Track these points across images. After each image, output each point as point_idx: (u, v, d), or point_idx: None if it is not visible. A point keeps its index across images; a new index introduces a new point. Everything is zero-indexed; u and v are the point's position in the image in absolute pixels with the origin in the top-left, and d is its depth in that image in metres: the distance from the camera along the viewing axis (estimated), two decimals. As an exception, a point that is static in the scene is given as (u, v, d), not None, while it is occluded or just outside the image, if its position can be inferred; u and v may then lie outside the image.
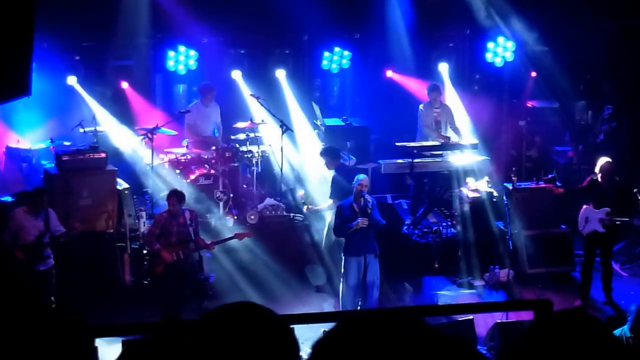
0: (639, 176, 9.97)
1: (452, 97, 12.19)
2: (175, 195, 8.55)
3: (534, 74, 12.61)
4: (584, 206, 9.38)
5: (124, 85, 11.67)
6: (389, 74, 12.66)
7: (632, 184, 9.36)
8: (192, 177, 10.40)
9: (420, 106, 11.47)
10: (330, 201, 9.38)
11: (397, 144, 11.04)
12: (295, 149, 11.54)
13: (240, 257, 9.63)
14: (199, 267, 8.43)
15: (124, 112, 11.33)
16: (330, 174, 9.82)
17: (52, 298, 8.16)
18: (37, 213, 8.12)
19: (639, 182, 9.38)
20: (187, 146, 10.98)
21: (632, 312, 6.95)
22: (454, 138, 11.34)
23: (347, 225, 8.47)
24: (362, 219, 8.40)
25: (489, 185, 10.79)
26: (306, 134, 11.74)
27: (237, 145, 10.79)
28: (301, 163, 11.27)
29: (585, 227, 9.33)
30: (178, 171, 10.48)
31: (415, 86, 12.22)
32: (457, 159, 11.08)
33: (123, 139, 10.89)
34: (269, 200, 10.44)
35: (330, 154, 9.69)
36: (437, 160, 11.10)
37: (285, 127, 10.54)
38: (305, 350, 2.30)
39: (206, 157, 10.61)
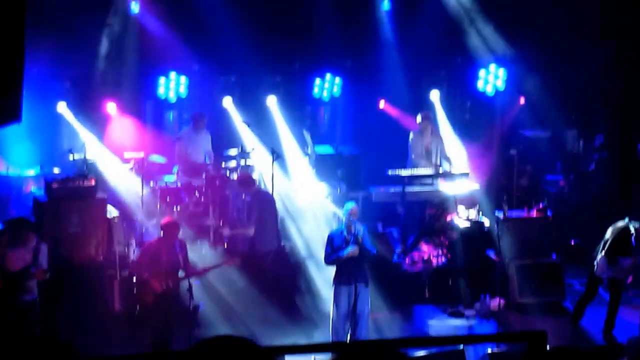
0: (628, 206, 10.17)
1: (443, 125, 12.42)
2: (174, 226, 8.63)
3: (522, 100, 12.93)
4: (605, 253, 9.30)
5: (114, 111, 11.76)
6: (382, 105, 12.96)
7: None
8: (183, 204, 10.58)
9: (411, 134, 11.58)
10: (251, 228, 9.53)
11: (389, 172, 11.13)
12: (286, 176, 11.67)
13: (230, 284, 9.68)
14: (189, 295, 8.45)
15: (114, 139, 11.52)
16: (323, 200, 10.46)
17: (38, 329, 8.11)
18: (24, 244, 8.07)
19: (627, 212, 9.47)
20: (177, 173, 11.15)
21: (630, 347, 6.63)
22: (445, 166, 11.43)
23: (338, 254, 8.55)
24: (352, 248, 8.50)
25: (480, 214, 10.87)
26: (297, 162, 11.90)
27: (228, 173, 11.00)
28: (292, 190, 11.42)
29: (605, 272, 9.30)
30: (168, 198, 10.60)
31: (406, 119, 12.44)
32: (448, 188, 11.17)
33: (113, 166, 11.02)
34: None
35: (245, 182, 9.93)
36: (428, 188, 11.22)
37: (276, 155, 10.72)
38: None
39: (196, 184, 10.74)
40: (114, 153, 11.16)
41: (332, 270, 8.87)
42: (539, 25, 12.00)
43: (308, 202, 11.14)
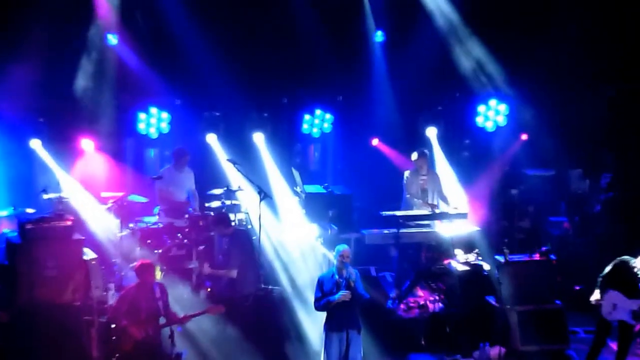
0: (636, 248, 10.09)
1: (440, 163, 12.92)
2: (149, 268, 8.91)
3: (524, 137, 13.13)
4: (611, 291, 9.45)
5: (92, 148, 12.14)
6: (375, 142, 13.20)
7: None
8: (164, 247, 10.77)
9: (406, 173, 11.85)
10: (234, 270, 9.84)
11: (382, 213, 11.34)
12: (275, 216, 11.99)
13: (213, 330, 9.84)
14: (171, 342, 8.70)
15: (91, 178, 11.92)
16: (313, 242, 10.63)
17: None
18: None
19: (634, 255, 9.65)
20: (158, 214, 11.36)
21: None
22: (442, 207, 11.68)
23: (329, 299, 8.69)
24: (344, 293, 8.66)
25: (479, 258, 11.08)
26: (286, 202, 12.21)
27: (212, 214, 11.18)
28: (280, 231, 11.68)
29: (612, 314, 9.41)
30: (149, 241, 10.83)
31: (400, 159, 12.84)
32: (445, 229, 11.40)
33: (89, 206, 11.32)
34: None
35: (219, 223, 10.08)
36: (424, 230, 11.45)
37: (264, 194, 10.82)
38: None
39: (179, 225, 11.05)
40: (91, 193, 11.48)
41: (322, 315, 8.98)
42: (542, 60, 12.49)
43: (297, 244, 11.37)
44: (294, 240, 11.45)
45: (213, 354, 9.80)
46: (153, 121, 12.49)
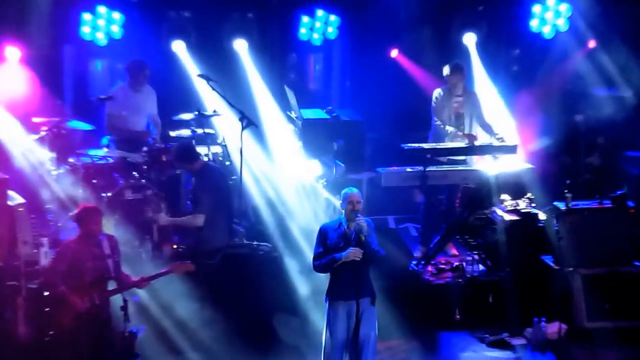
0: None
1: (480, 80, 12.72)
2: (93, 214, 8.75)
3: (593, 44, 13.00)
4: None
5: (18, 58, 11.81)
6: (394, 53, 13.10)
7: None
8: (115, 189, 10.65)
9: (435, 93, 11.71)
10: (201, 217, 9.87)
11: (404, 145, 11.27)
12: (263, 151, 11.89)
13: (181, 302, 9.84)
14: (123, 315, 8.59)
15: (17, 98, 11.64)
16: (313, 184, 10.56)
17: None
18: None
19: None
20: (108, 146, 11.24)
21: None
22: (482, 137, 11.61)
23: (334, 257, 8.54)
24: (353, 249, 8.48)
25: (532, 205, 11.03)
26: (277, 131, 12.13)
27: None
28: (270, 170, 11.60)
29: None
30: (95, 181, 10.72)
31: (427, 75, 12.83)
32: (487, 167, 11.33)
33: (16, 135, 11.17)
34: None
35: (183, 156, 10.08)
36: (458, 168, 11.37)
37: (247, 121, 10.77)
38: None
39: (135, 161, 10.89)
40: (17, 117, 11.30)
41: (324, 280, 8.94)
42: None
43: (292, 187, 11.41)
44: (287, 181, 11.53)
45: (179, 331, 9.84)
46: (101, 23, 12.33)
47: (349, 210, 8.63)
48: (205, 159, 11.17)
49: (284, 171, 11.68)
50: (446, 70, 11.73)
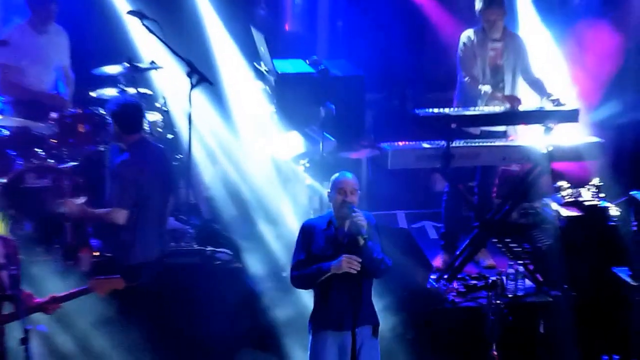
0: None
1: (528, 19, 12.43)
2: None
3: None
4: None
5: None
6: None
7: None
8: (12, 172, 10.58)
9: (464, 37, 11.58)
10: (122, 212, 9.71)
11: (418, 111, 11.04)
12: (220, 118, 11.93)
13: (104, 333, 9.69)
14: (24, 351, 7.95)
15: None
16: (291, 165, 10.82)
17: None
18: None
19: None
20: (1, 112, 11.24)
21: None
22: (529, 99, 11.43)
23: (319, 268, 8.38)
24: (347, 257, 8.25)
25: (601, 196, 10.96)
26: (240, 90, 12.12)
27: (102, 112, 10.95)
28: (231, 146, 11.69)
29: None
30: None
31: (449, 16, 12.97)
32: (536, 141, 11.07)
33: None
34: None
35: (124, 123, 9.91)
36: (496, 143, 11.17)
37: (198, 77, 10.75)
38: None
39: (40, 133, 10.91)
40: None
41: (307, 299, 8.96)
42: None
43: (263, 170, 11.45)
44: (254, 162, 11.59)
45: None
46: None
47: (341, 203, 8.45)
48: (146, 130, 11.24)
49: (251, 148, 11.71)
50: (479, 3, 11.43)
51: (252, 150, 11.71)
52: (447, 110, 11.14)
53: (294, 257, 8.53)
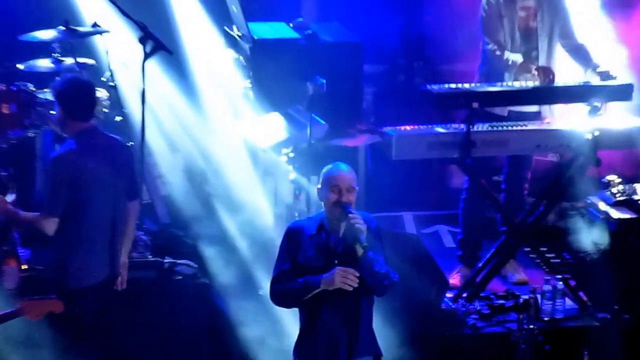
0: None
1: None
2: None
3: None
4: None
5: None
6: None
7: None
8: None
9: None
10: (52, 221, 9.38)
11: (431, 87, 10.91)
12: (183, 95, 12.04)
13: None
14: None
15: None
16: (272, 155, 10.95)
17: None
18: None
19: None
20: None
21: None
22: (570, 72, 11.33)
23: (306, 282, 8.17)
24: (342, 270, 7.99)
25: None
26: (207, 61, 12.29)
27: (33, 88, 11.16)
28: (195, 130, 11.89)
29: None
30: None
31: None
32: (579, 126, 10.90)
33: None
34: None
35: (68, 102, 9.60)
36: (528, 127, 10.99)
37: (154, 43, 10.77)
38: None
39: None
40: None
41: (292, 322, 8.89)
42: None
43: (236, 162, 11.62)
44: (225, 152, 11.81)
45: None
46: None
47: (335, 204, 8.18)
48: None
49: (220, 133, 11.86)
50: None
51: (222, 137, 11.80)
52: (466, 85, 10.99)
53: (276, 268, 8.22)
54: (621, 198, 10.68)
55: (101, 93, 11.46)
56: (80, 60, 11.39)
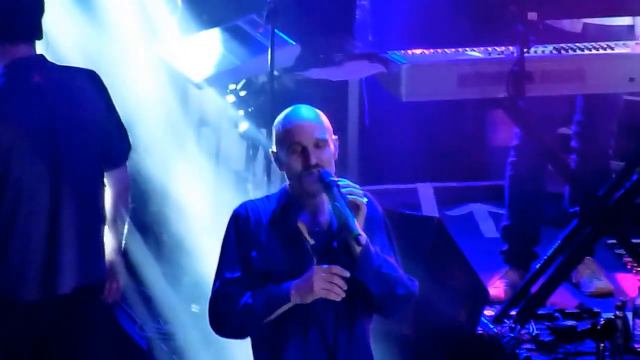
0: None
1: None
2: None
3: None
4: None
5: None
6: None
7: None
8: None
9: None
10: None
11: None
12: (80, 7, 12.14)
13: None
14: None
15: None
16: (213, 96, 11.42)
17: None
18: None
19: None
20: None
21: None
22: None
23: (268, 297, 7.92)
24: (321, 270, 7.75)
25: None
26: None
27: None
28: (97, 54, 11.87)
29: None
30: None
31: None
32: None
33: None
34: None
35: None
36: (615, 52, 11.04)
37: None
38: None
39: None
40: None
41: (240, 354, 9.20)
42: None
43: (157, 105, 11.67)
44: (141, 89, 11.69)
45: None
46: None
47: (303, 172, 8.01)
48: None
49: (133, 60, 11.77)
50: None
51: (135, 65, 11.78)
52: (513, -13, 10.63)
53: (218, 276, 7.94)
54: None
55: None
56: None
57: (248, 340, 8.11)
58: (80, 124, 9.45)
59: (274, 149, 7.99)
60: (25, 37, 9.41)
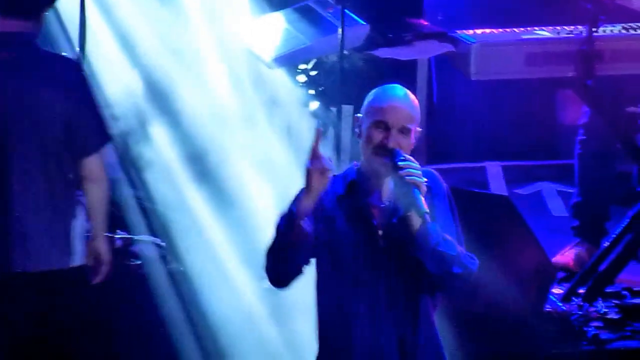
0: None
1: None
2: None
3: None
4: None
5: None
6: None
7: None
8: None
9: None
10: None
11: None
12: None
13: None
14: None
15: None
16: (277, 73, 11.56)
17: None
18: None
19: None
20: None
21: None
22: None
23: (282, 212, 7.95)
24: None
25: None
26: None
27: None
28: (162, 33, 12.26)
29: None
30: None
31: None
32: None
33: None
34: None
35: None
36: None
37: None
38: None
39: None
40: None
41: (306, 329, 9.46)
42: None
43: (224, 84, 11.84)
44: (209, 67, 11.99)
45: None
46: None
47: (376, 148, 7.85)
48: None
49: (208, 43, 11.98)
50: None
51: (209, 47, 11.89)
52: None
53: (277, 228, 7.77)
54: None
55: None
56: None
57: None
58: (33, 106, 9.52)
59: (360, 115, 7.93)
60: (17, 12, 9.51)
